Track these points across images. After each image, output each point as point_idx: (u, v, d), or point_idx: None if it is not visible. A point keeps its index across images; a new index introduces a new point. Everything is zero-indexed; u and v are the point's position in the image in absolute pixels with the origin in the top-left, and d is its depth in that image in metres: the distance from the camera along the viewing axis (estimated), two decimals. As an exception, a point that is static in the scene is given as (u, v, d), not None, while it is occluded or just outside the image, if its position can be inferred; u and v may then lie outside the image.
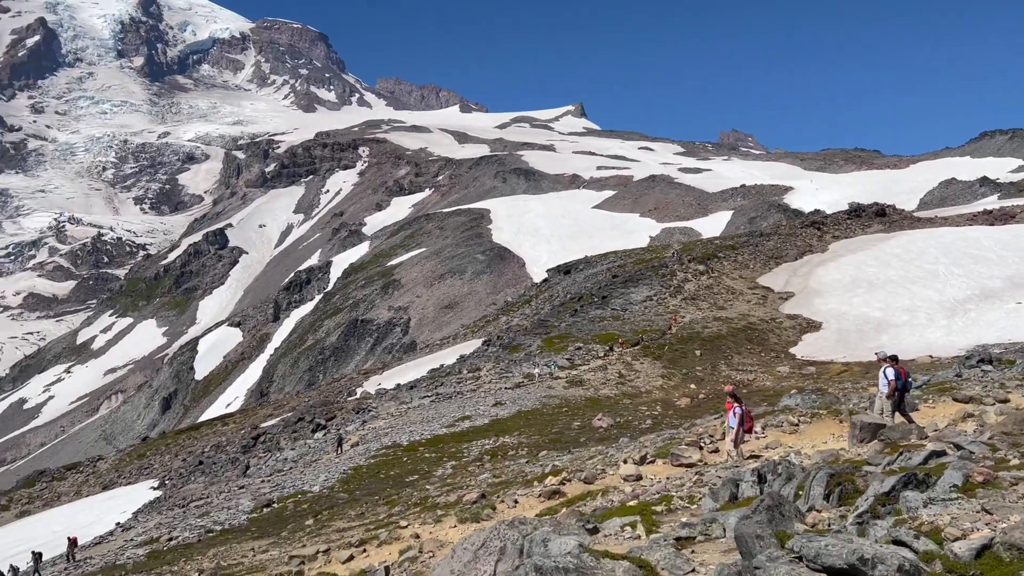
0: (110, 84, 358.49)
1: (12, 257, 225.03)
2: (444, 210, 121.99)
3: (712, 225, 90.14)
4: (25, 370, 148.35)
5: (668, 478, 11.76)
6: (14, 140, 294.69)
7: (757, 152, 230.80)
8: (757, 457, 12.07)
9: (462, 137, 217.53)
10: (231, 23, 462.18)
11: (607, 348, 35.16)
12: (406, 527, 12.57)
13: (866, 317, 36.81)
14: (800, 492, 6.83)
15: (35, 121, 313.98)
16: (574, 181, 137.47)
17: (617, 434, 21.56)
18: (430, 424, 26.41)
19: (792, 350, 34.52)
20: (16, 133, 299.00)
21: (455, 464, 20.69)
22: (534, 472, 16.66)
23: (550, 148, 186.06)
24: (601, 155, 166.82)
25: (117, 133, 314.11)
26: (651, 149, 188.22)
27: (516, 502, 12.12)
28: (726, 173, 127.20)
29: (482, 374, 34.11)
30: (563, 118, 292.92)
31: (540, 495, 12.25)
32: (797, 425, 15.03)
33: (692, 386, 29.70)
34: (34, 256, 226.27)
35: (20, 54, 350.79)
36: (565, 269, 64.81)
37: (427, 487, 18.40)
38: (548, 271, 69.87)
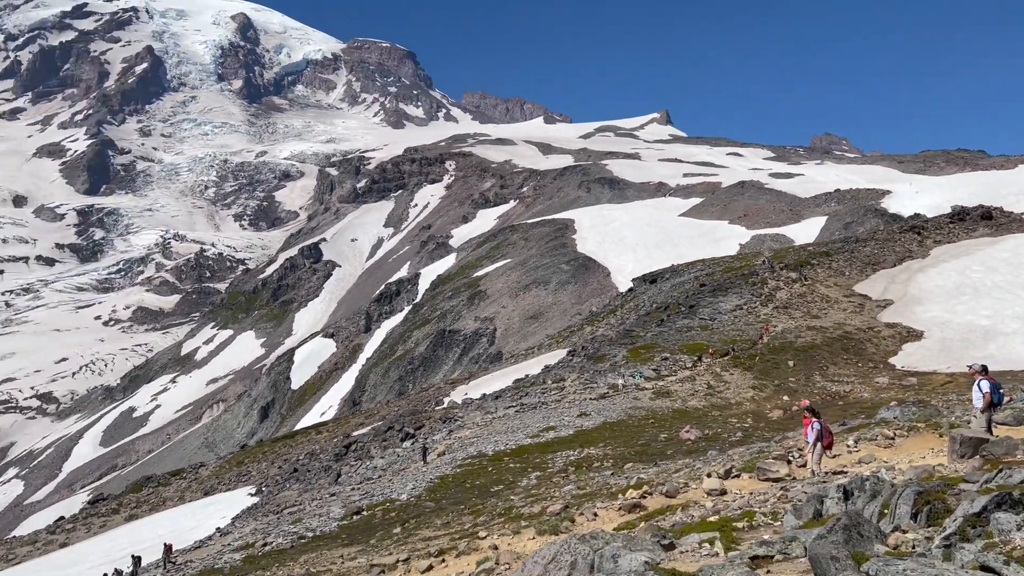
0: (211, 107, 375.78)
1: (122, 273, 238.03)
2: (528, 221, 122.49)
3: (805, 231, 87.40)
4: (134, 380, 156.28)
5: (752, 493, 11.44)
6: (124, 162, 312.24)
7: (852, 155, 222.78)
8: (842, 472, 11.63)
9: (546, 148, 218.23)
10: (323, 44, 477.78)
11: (695, 359, 34.54)
12: (485, 538, 12.64)
13: (972, 325, 34.98)
14: (885, 511, 6.52)
15: (143, 144, 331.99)
16: (660, 189, 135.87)
17: (705, 447, 21.14)
18: (515, 434, 26.50)
19: (892, 360, 33.10)
20: (126, 156, 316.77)
21: (539, 475, 20.68)
22: (619, 484, 16.50)
23: (635, 156, 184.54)
24: (687, 162, 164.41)
25: (218, 153, 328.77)
26: (740, 155, 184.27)
27: (596, 515, 12.03)
28: (819, 178, 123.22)
29: (566, 385, 34.03)
30: (648, 126, 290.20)
31: (620, 508, 12.11)
32: (893, 439, 14.40)
33: (785, 398, 28.84)
34: (142, 272, 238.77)
35: (130, 81, 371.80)
36: (651, 278, 64.03)
37: (512, 497, 18.45)
38: (633, 280, 69.19)
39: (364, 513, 21.13)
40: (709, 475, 12.90)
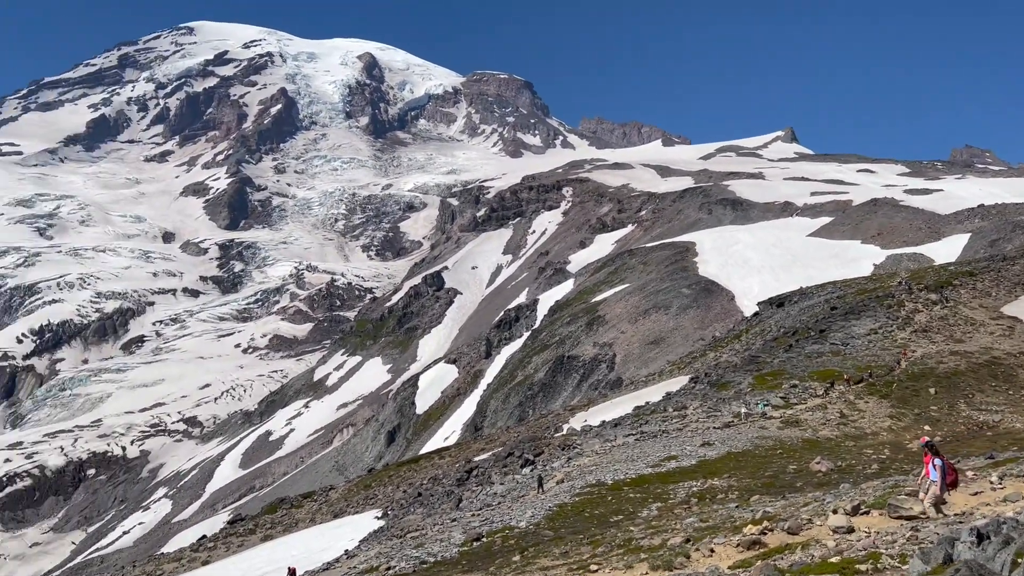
0: (340, 143, 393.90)
1: (260, 303, 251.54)
2: (647, 245, 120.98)
3: (946, 250, 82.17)
4: (270, 405, 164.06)
5: (880, 532, 10.66)
6: (261, 199, 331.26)
7: (997, 168, 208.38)
8: (969, 514, 10.65)
9: (664, 171, 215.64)
10: (444, 79, 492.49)
11: (826, 386, 32.91)
12: (596, 571, 12.37)
13: None
14: (1019, 560, 5.88)
15: (278, 180, 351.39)
16: (786, 209, 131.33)
17: (838, 479, 20.02)
18: (635, 463, 25.97)
19: (1048, 388, 30.43)
20: (263, 192, 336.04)
21: (660, 506, 20.15)
22: (744, 517, 15.83)
23: (758, 176, 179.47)
24: (815, 180, 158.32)
25: (346, 187, 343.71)
26: (872, 171, 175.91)
27: (712, 551, 11.53)
28: (960, 193, 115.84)
29: (688, 412, 33.14)
30: (772, 144, 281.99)
31: (739, 544, 11.55)
32: (1050, 475, 13.15)
33: (926, 427, 27.00)
34: (278, 302, 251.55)
35: (266, 122, 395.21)
36: (778, 302, 61.73)
37: (631, 528, 18.04)
38: (759, 304, 66.92)
39: (484, 539, 21.19)
40: (835, 511, 12.12)
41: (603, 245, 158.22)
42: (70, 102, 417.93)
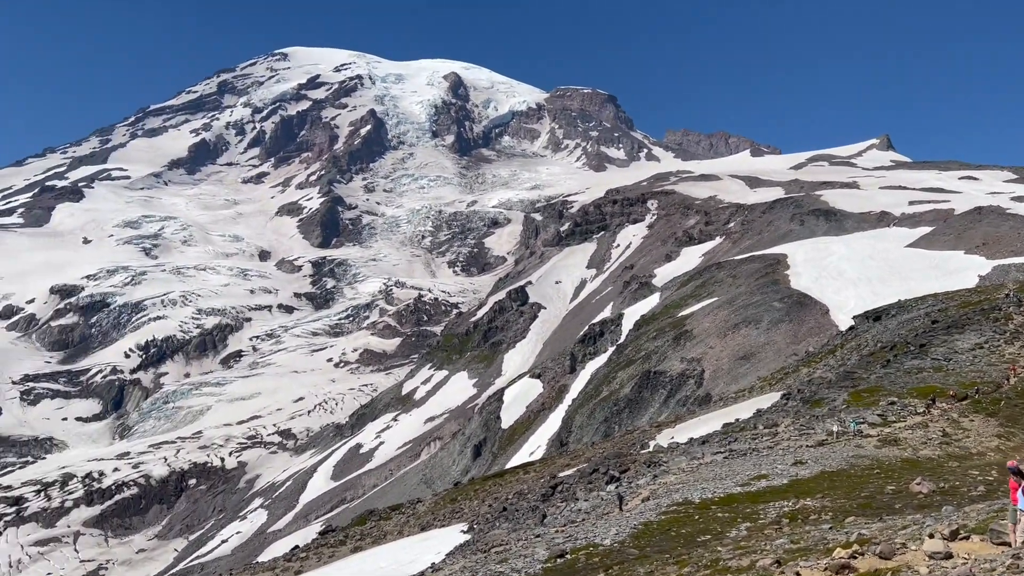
0: (427, 162, 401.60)
1: (351, 318, 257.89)
2: (736, 257, 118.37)
3: (1059, 259, 77.44)
4: (360, 418, 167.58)
5: (979, 560, 10.03)
6: (352, 217, 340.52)
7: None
8: None
9: (753, 181, 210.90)
10: (528, 96, 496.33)
11: (927, 403, 31.38)
12: (680, 592, 12.09)
13: None
14: None
15: (367, 199, 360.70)
16: (882, 219, 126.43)
17: (940, 502, 19.01)
18: (723, 482, 25.32)
19: None
20: (353, 211, 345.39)
21: (750, 526, 19.56)
22: (837, 540, 15.20)
23: (852, 185, 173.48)
24: (913, 188, 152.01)
25: (433, 205, 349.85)
26: (975, 178, 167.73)
27: (798, 575, 11.08)
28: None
29: (779, 430, 32.13)
30: (866, 152, 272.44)
31: (826, 568, 11.06)
32: None
33: (1037, 448, 25.36)
34: (368, 317, 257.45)
35: (355, 142, 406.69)
36: (875, 315, 59.37)
37: (719, 548, 17.58)
38: (855, 318, 64.53)
39: (567, 556, 21.01)
40: (932, 535, 11.45)
41: (690, 258, 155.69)
42: (173, 128, 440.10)
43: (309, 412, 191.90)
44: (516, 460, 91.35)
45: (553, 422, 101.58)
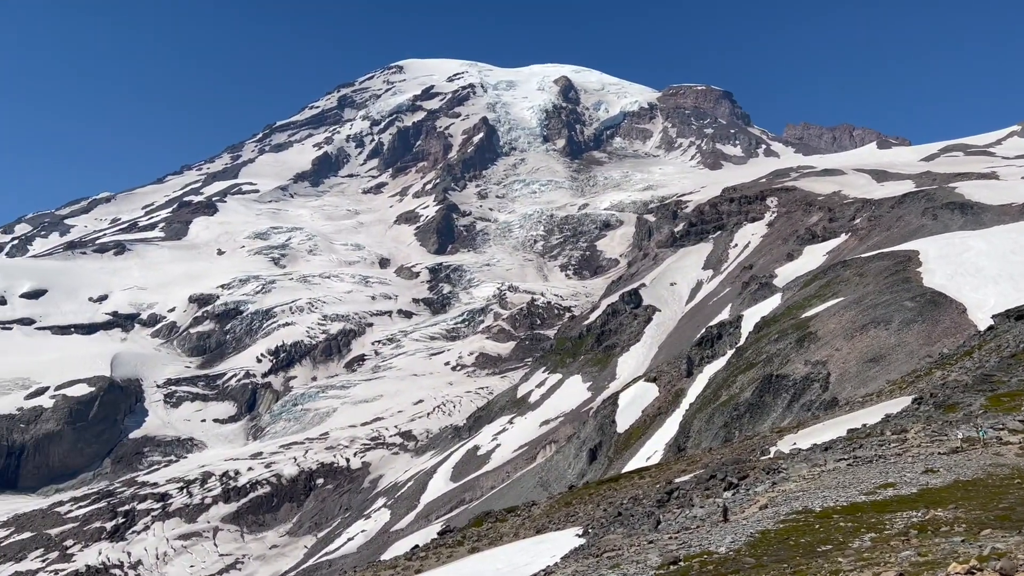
0: (538, 167, 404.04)
1: (466, 323, 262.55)
2: (863, 255, 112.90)
3: None
4: (477, 421, 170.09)
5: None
6: (466, 224, 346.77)
7: None
8: None
9: (881, 175, 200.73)
10: (639, 96, 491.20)
11: (1076, 408, 29.05)
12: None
13: None
14: None
15: (480, 206, 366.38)
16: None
17: (1090, 516, 17.59)
18: (846, 490, 24.26)
19: None
20: (467, 217, 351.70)
21: (874, 536, 18.68)
22: (968, 553, 14.32)
23: (991, 176, 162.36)
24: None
25: (544, 209, 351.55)
26: None
27: (914, 589, 10.54)
28: None
29: (909, 436, 30.46)
30: (1006, 140, 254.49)
31: (944, 583, 10.48)
32: None
33: None
34: (483, 321, 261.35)
35: (468, 150, 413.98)
36: (1017, 314, 55.31)
37: (840, 560, 16.89)
38: (994, 317, 60.29)
39: (681, 563, 20.68)
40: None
41: (813, 256, 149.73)
42: (298, 142, 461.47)
43: (428, 414, 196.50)
44: (632, 464, 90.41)
45: (670, 427, 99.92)
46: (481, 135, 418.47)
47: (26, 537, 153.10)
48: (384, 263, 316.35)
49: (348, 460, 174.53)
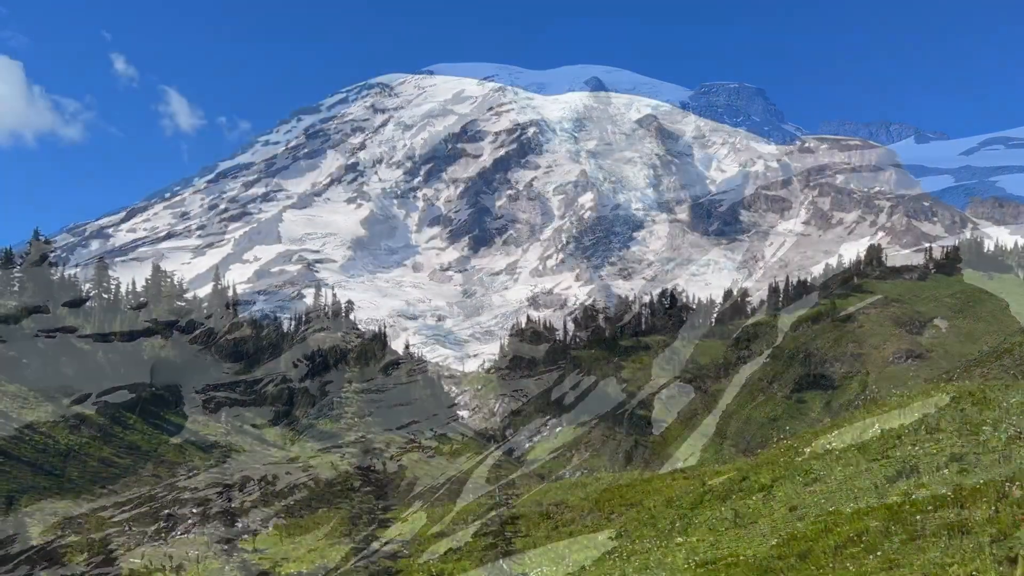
0: (569, 168, 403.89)
1: (499, 325, 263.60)
2: (901, 251, 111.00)
3: None
4: (512, 423, 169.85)
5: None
6: (498, 226, 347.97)
7: None
8: None
9: (918, 170, 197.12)
10: (671, 94, 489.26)
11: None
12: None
13: None
14: None
15: (512, 208, 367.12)
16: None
17: None
18: (878, 491, 23.88)
19: None
20: (499, 220, 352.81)
21: (904, 538, 18.41)
22: (998, 555, 14.06)
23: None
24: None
25: (577, 210, 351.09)
26: None
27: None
28: None
29: (943, 436, 29.89)
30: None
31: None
32: None
33: None
34: (516, 323, 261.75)
35: (500, 153, 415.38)
36: (1059, 310, 53.97)
37: (865, 560, 16.71)
38: (1036, 313, 58.94)
39: (709, 565, 20.63)
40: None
41: (849, 254, 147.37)
42: (331, 148, 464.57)
43: (463, 417, 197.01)
44: (668, 466, 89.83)
45: (706, 428, 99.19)
46: (512, 137, 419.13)
47: (70, 541, 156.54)
48: (417, 267, 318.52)
49: (384, 463, 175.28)
